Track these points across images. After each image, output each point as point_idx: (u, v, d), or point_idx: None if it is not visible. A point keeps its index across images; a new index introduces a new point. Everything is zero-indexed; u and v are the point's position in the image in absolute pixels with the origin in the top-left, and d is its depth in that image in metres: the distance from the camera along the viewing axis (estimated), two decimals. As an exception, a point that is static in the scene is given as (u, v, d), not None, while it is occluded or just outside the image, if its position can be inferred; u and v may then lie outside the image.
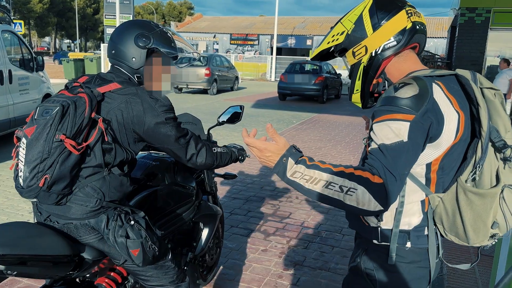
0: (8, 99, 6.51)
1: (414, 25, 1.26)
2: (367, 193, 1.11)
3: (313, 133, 8.87)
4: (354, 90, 1.38)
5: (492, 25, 11.27)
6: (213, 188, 2.59)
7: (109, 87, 1.60)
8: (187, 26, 43.87)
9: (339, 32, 1.33)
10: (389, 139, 1.14)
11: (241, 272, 3.09)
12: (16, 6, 51.91)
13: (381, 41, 1.26)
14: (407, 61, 1.30)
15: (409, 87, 1.15)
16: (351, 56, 1.33)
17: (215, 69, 16.90)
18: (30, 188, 1.45)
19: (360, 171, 1.14)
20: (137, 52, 1.67)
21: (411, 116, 1.13)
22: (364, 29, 1.28)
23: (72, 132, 1.44)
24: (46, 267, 1.47)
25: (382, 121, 1.16)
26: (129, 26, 1.72)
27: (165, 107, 1.62)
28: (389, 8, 1.26)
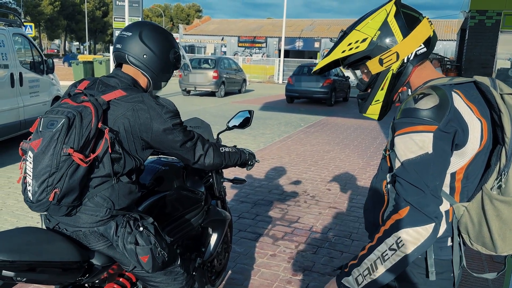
0: (19, 101, 6.57)
1: (434, 33, 1.28)
2: (410, 229, 1.11)
3: (321, 136, 8.83)
4: (373, 100, 1.33)
5: (502, 27, 11.15)
6: (222, 193, 2.57)
7: (113, 94, 1.56)
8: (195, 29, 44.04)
9: (358, 39, 1.27)
10: (413, 152, 1.13)
11: (250, 277, 3.07)
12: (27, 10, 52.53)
13: (413, 47, 1.24)
14: (427, 69, 1.30)
15: (429, 97, 1.14)
16: (377, 63, 1.27)
17: (223, 71, 16.94)
18: (40, 203, 1.43)
19: (388, 220, 1.15)
20: (169, 66, 1.74)
21: (434, 127, 1.12)
22: (393, 35, 1.24)
23: (79, 144, 1.41)
24: (55, 273, 1.47)
25: (404, 133, 1.15)
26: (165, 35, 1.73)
27: (171, 113, 1.61)
28: (414, 16, 1.26)
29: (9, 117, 6.31)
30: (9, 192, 4.86)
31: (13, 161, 6.13)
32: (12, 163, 6.03)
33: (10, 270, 1.34)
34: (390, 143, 1.24)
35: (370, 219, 1.37)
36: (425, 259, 1.24)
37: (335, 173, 5.98)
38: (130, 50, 1.66)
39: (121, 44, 1.68)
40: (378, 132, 9.67)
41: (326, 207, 4.60)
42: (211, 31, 42.36)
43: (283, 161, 6.54)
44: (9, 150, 6.67)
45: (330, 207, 4.61)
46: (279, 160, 6.63)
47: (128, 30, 1.70)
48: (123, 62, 1.71)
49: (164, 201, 2.00)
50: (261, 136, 8.77)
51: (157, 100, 1.62)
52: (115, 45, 1.72)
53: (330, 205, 4.67)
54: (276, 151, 7.25)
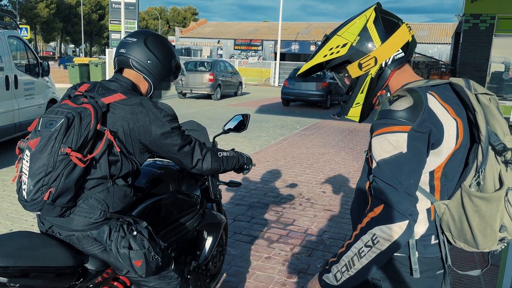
0: (14, 104, 6.54)
1: (413, 38, 1.32)
2: (383, 226, 1.14)
3: (317, 139, 8.86)
4: (353, 103, 1.37)
5: (496, 31, 11.25)
6: (218, 196, 2.58)
7: (113, 97, 1.58)
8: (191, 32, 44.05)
9: (339, 44, 1.31)
10: (388, 152, 1.17)
11: (245, 280, 3.08)
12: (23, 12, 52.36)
13: (391, 52, 1.28)
14: (405, 73, 1.34)
15: (403, 99, 1.18)
16: (356, 68, 1.31)
17: (219, 74, 16.94)
18: (35, 202, 1.43)
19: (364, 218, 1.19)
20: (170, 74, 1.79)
21: (408, 127, 1.15)
22: (371, 40, 1.28)
23: (77, 144, 1.42)
24: (49, 278, 1.46)
25: (380, 134, 1.19)
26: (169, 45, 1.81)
27: (170, 117, 1.63)
28: (393, 22, 1.30)
29: (4, 120, 6.28)
30: (4, 195, 4.84)
31: (7, 164, 6.10)
32: (7, 166, 6.00)
33: (4, 276, 1.33)
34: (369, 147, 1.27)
35: (356, 220, 1.38)
36: (408, 257, 1.27)
37: (330, 176, 5.99)
38: (134, 55, 1.69)
39: (125, 48, 1.71)
40: (374, 135, 9.69)
41: (321, 210, 4.62)
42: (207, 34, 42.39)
43: (279, 164, 6.56)
44: (4, 153, 6.64)
45: (325, 210, 4.62)
46: (275, 162, 6.65)
47: (133, 36, 1.74)
48: (125, 66, 1.72)
49: (159, 204, 2.00)
50: (256, 139, 8.78)
51: (156, 104, 1.63)
52: (118, 49, 1.74)
53: (325, 208, 4.68)
54: (271, 154, 7.26)
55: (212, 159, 1.76)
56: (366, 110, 1.38)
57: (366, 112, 1.39)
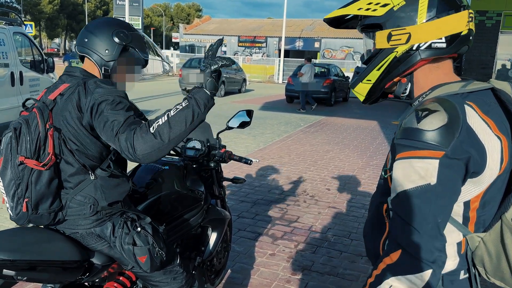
0: (19, 100, 6.56)
1: (469, 33, 1.05)
2: (402, 277, 0.94)
3: (321, 136, 8.84)
4: (365, 79, 1.13)
5: (502, 28, 11.17)
6: (222, 192, 2.58)
7: (58, 90, 1.54)
8: (195, 28, 44.03)
9: (379, 2, 1.06)
10: (413, 182, 0.94)
11: (249, 276, 3.08)
12: (27, 8, 52.51)
13: (430, 37, 1.02)
14: (439, 70, 1.09)
15: (434, 116, 0.93)
16: (384, 38, 1.07)
17: (223, 71, 16.93)
18: (19, 216, 1.46)
19: (380, 264, 0.98)
20: (112, 45, 1.61)
21: (441, 152, 0.92)
22: (416, 13, 1.02)
23: (31, 150, 1.42)
24: (56, 272, 1.48)
25: (404, 158, 0.96)
26: (110, 20, 1.70)
27: (104, 91, 1.46)
28: (454, 3, 1.03)
29: (9, 116, 6.31)
30: (9, 191, 4.87)
31: (13, 160, 6.13)
32: (12, 162, 6.03)
33: (11, 269, 1.35)
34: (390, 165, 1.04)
35: (370, 248, 1.20)
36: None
37: (334, 173, 5.98)
38: (77, 41, 1.68)
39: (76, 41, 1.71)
40: (378, 132, 9.68)
41: (326, 207, 4.61)
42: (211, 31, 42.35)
43: (283, 161, 6.55)
44: (9, 149, 6.68)
45: (329, 207, 4.62)
46: (279, 159, 6.64)
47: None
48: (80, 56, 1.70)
49: (164, 200, 2.00)
50: (261, 135, 8.77)
51: (96, 81, 1.51)
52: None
53: (329, 205, 4.68)
54: (276, 151, 7.26)
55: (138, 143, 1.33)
56: (375, 93, 1.15)
57: (374, 95, 1.15)
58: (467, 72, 11.59)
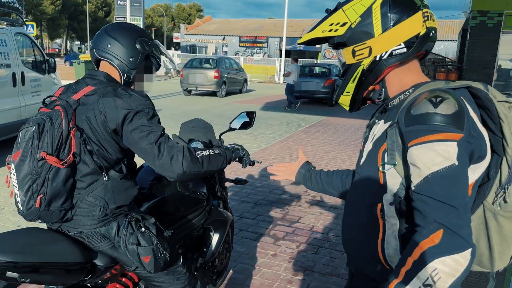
0: (21, 101, 6.58)
1: (428, 31, 1.09)
2: (447, 258, 0.91)
3: (322, 136, 8.84)
4: (344, 91, 1.21)
5: (504, 28, 11.16)
6: (224, 193, 2.58)
7: (83, 91, 1.57)
8: (197, 29, 44.04)
9: (339, 22, 1.13)
10: (438, 165, 0.95)
11: (251, 277, 3.08)
12: (28, 9, 52.59)
13: (390, 46, 1.08)
14: (411, 71, 1.15)
15: (448, 101, 0.98)
16: (350, 54, 1.14)
17: (224, 71, 16.94)
18: (30, 211, 1.46)
19: (416, 248, 0.94)
20: (136, 53, 1.66)
21: (459, 135, 0.96)
22: (372, 26, 1.08)
23: (53, 147, 1.44)
24: (59, 274, 1.48)
25: (424, 142, 0.97)
26: (132, 27, 1.73)
27: (138, 101, 1.53)
28: (405, 7, 1.07)
29: (11, 117, 6.32)
30: (11, 191, 4.87)
31: (15, 160, 6.13)
32: (14, 163, 6.03)
33: (14, 271, 1.35)
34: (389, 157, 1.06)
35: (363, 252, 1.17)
36: None
37: (336, 174, 5.98)
38: (96, 44, 1.69)
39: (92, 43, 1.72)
40: (379, 132, 9.66)
41: (327, 207, 4.61)
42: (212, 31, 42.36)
43: (284, 161, 6.55)
44: (11, 149, 6.67)
45: (331, 207, 4.61)
46: (280, 160, 6.64)
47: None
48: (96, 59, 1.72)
49: (166, 201, 2.01)
50: (262, 136, 8.77)
51: (126, 90, 1.57)
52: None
53: (331, 205, 4.68)
54: (277, 151, 7.26)
55: (186, 160, 1.50)
56: (356, 102, 1.22)
57: (356, 103, 1.23)
58: (469, 72, 11.58)
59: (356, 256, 1.20)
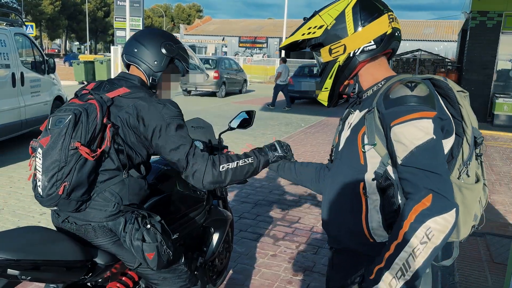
0: (20, 101, 6.58)
1: (393, 31, 1.26)
2: (438, 217, 1.05)
3: (322, 137, 8.84)
4: (322, 87, 1.35)
5: (503, 28, 11.17)
6: (224, 193, 2.58)
7: (118, 91, 1.62)
8: (196, 29, 44.07)
9: (316, 25, 1.30)
10: (420, 139, 1.10)
11: (250, 277, 3.08)
12: (27, 8, 52.59)
13: (361, 43, 1.25)
14: (381, 67, 1.31)
15: (421, 86, 1.15)
16: (327, 53, 1.30)
17: (224, 72, 16.95)
18: (50, 197, 1.47)
19: (411, 212, 1.07)
20: (160, 57, 1.72)
21: (433, 113, 1.12)
22: (345, 27, 1.25)
23: (86, 139, 1.47)
24: (59, 272, 1.48)
25: (405, 121, 1.12)
26: (159, 32, 1.79)
27: (171, 112, 1.60)
28: (373, 10, 1.25)
29: (10, 117, 6.32)
30: (10, 192, 4.87)
31: (14, 160, 6.14)
32: (13, 163, 6.04)
33: (15, 268, 1.35)
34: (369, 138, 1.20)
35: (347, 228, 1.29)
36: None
37: (335, 174, 5.98)
38: (126, 49, 1.76)
39: (123, 50, 1.79)
40: (379, 132, 9.66)
41: (327, 208, 4.61)
42: (212, 31, 42.39)
43: (284, 162, 6.55)
44: (11, 149, 6.68)
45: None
46: (280, 160, 6.64)
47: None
48: (126, 64, 1.79)
49: (166, 200, 2.01)
50: (261, 136, 8.77)
51: (160, 99, 1.64)
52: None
53: (330, 206, 4.67)
54: (276, 152, 7.25)
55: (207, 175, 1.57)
56: (333, 97, 1.37)
57: (334, 98, 1.37)
58: (468, 72, 11.58)
59: (339, 233, 1.32)
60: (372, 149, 1.20)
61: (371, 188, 1.21)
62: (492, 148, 8.08)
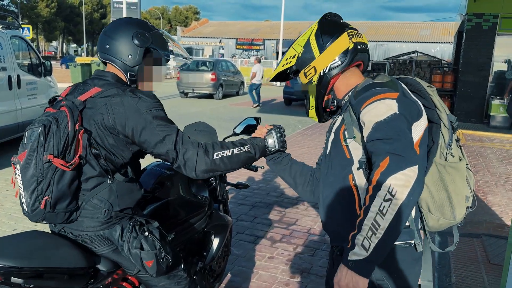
0: (17, 104, 6.56)
1: (355, 45, 1.42)
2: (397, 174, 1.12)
3: (319, 139, 8.85)
4: (310, 106, 1.54)
5: (499, 30, 11.23)
6: (225, 197, 2.57)
7: (89, 93, 1.54)
8: (193, 31, 44.06)
9: (291, 55, 1.49)
10: (382, 115, 1.21)
11: (248, 280, 3.08)
12: (23, 11, 52.45)
13: (327, 62, 1.42)
14: (354, 76, 1.46)
15: (383, 75, 1.33)
16: (303, 76, 1.48)
17: (221, 74, 16.95)
18: (35, 212, 1.45)
19: (373, 177, 1.16)
20: (134, 49, 1.58)
21: (396, 93, 1.25)
22: (312, 51, 1.44)
23: (59, 149, 1.42)
24: (62, 279, 1.47)
25: (370, 103, 1.25)
26: (127, 23, 1.63)
27: (148, 104, 1.50)
28: (332, 32, 1.42)
29: (6, 120, 6.30)
30: (7, 195, 4.86)
31: (10, 163, 6.10)
32: (10, 166, 5.98)
33: (19, 277, 1.34)
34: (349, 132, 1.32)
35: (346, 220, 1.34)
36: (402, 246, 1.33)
37: (333, 176, 5.98)
38: (98, 47, 1.65)
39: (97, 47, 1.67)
40: (376, 134, 9.68)
41: (324, 210, 4.61)
42: (209, 34, 42.39)
43: (281, 164, 6.55)
44: (7, 152, 6.66)
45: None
46: (277, 162, 6.64)
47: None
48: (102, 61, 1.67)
49: (169, 206, 2.00)
50: (259, 138, 8.76)
51: (134, 93, 1.53)
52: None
53: (328, 208, 4.68)
54: (274, 154, 7.25)
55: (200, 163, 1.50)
56: (320, 112, 1.54)
57: (321, 114, 1.54)
58: (465, 74, 11.63)
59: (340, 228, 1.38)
60: (353, 141, 1.32)
61: (359, 178, 1.31)
62: (488, 150, 8.11)
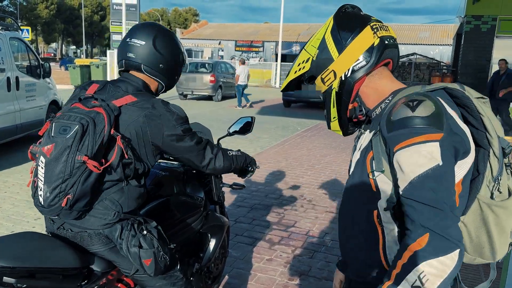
0: (15, 106, 6.55)
1: (382, 40, 1.15)
2: (433, 261, 0.94)
3: (318, 140, 8.85)
4: (331, 118, 1.28)
5: (498, 32, 11.27)
6: (221, 198, 2.57)
7: (124, 99, 1.56)
8: (193, 33, 44.12)
9: (304, 59, 1.25)
10: (422, 166, 0.98)
11: (246, 282, 3.07)
12: (22, 13, 52.47)
13: (349, 63, 1.16)
14: (383, 80, 1.19)
15: (425, 104, 1.02)
16: (321, 83, 1.24)
17: (220, 75, 16.97)
18: (52, 208, 1.43)
19: (405, 252, 0.98)
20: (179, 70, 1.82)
21: (439, 134, 0.99)
22: (328, 52, 1.18)
23: (93, 151, 1.41)
24: (55, 280, 1.47)
25: (406, 146, 1.00)
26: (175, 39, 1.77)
27: (181, 120, 1.64)
28: (352, 26, 1.16)
29: (5, 122, 6.29)
30: (5, 197, 4.84)
31: (9, 165, 6.11)
32: (9, 167, 6.01)
33: (11, 276, 1.34)
34: (377, 164, 1.09)
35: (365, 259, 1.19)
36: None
37: (331, 177, 5.99)
38: (145, 60, 1.65)
39: (134, 53, 1.64)
40: (375, 136, 9.69)
41: (323, 212, 4.61)
42: (208, 35, 42.44)
43: (280, 165, 6.55)
44: (6, 154, 6.64)
45: (326, 212, 4.61)
46: (276, 164, 6.64)
47: (139, 38, 1.65)
48: (136, 70, 1.68)
49: (164, 206, 2.00)
50: (258, 140, 8.78)
51: (168, 106, 1.64)
52: (126, 53, 1.66)
53: (326, 210, 4.68)
54: (273, 155, 7.26)
55: (224, 158, 1.82)
56: (345, 124, 1.28)
57: (345, 126, 1.29)
58: (463, 76, 11.66)
59: (358, 264, 1.22)
60: (381, 175, 1.09)
61: (386, 217, 1.11)
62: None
